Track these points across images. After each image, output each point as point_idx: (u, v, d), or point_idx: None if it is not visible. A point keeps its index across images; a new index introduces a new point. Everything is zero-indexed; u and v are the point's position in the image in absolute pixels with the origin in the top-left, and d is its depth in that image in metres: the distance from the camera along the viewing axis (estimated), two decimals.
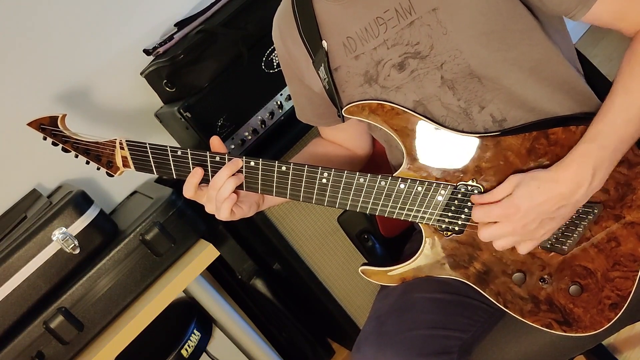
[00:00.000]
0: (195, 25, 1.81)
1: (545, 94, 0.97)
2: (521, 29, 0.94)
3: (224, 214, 1.01)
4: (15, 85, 1.76)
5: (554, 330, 1.01)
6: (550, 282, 1.00)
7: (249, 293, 1.93)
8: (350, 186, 0.99)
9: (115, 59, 1.91)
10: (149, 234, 1.51)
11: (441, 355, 1.02)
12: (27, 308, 1.42)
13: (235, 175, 0.99)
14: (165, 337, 1.72)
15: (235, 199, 1.00)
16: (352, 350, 1.09)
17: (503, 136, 0.95)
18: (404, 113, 0.98)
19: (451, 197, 0.98)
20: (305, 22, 1.07)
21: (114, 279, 1.48)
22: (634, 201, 0.94)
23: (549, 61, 0.97)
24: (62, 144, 1.02)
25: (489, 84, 0.96)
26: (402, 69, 0.99)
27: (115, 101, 1.92)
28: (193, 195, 1.01)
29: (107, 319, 1.49)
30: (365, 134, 1.25)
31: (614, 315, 0.98)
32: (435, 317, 1.06)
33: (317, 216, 1.79)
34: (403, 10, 0.96)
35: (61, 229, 1.42)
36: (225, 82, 1.71)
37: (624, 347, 1.62)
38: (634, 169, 0.93)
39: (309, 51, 1.07)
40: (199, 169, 0.99)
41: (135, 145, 1.00)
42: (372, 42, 1.00)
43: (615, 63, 2.70)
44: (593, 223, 0.96)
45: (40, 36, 1.79)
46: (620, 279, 0.97)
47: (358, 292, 1.86)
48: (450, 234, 1.01)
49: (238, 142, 1.72)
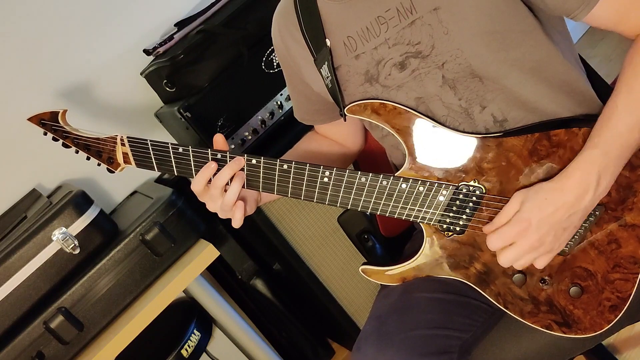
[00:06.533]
0: (195, 25, 1.81)
1: (546, 94, 0.97)
2: (522, 30, 0.94)
3: (237, 223, 1.02)
4: (15, 85, 1.76)
5: (553, 331, 1.01)
6: (550, 283, 1.00)
7: (249, 293, 1.93)
8: (351, 185, 0.99)
9: (115, 59, 1.91)
10: (149, 234, 1.51)
11: (441, 355, 1.02)
12: (27, 308, 1.42)
13: (238, 175, 0.99)
14: (165, 337, 1.72)
15: (243, 206, 1.01)
16: (352, 350, 1.08)
17: (505, 137, 0.95)
18: (406, 112, 0.98)
19: (453, 197, 0.98)
20: (309, 20, 1.07)
21: (114, 279, 1.48)
22: (635, 204, 0.94)
23: (550, 62, 0.97)
24: (62, 139, 1.02)
25: (490, 84, 0.96)
26: (403, 69, 0.99)
27: (115, 101, 1.92)
28: (201, 190, 1.00)
29: (107, 319, 1.49)
30: (360, 131, 1.26)
31: (614, 317, 0.98)
32: (436, 317, 1.06)
33: (317, 216, 1.79)
34: (404, 9, 0.96)
35: (61, 229, 1.41)
36: (225, 82, 1.71)
37: (624, 347, 1.62)
38: (635, 172, 0.93)
39: (311, 50, 1.07)
40: (213, 163, 0.98)
41: (136, 141, 1.00)
42: (373, 41, 1.00)
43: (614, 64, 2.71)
44: (594, 225, 0.96)
45: (40, 36, 1.79)
46: (621, 281, 0.97)
47: (358, 292, 1.86)
48: (451, 234, 1.01)
49: (238, 142, 1.72)
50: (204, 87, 1.70)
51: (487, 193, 0.97)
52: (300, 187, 1.00)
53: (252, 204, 1.08)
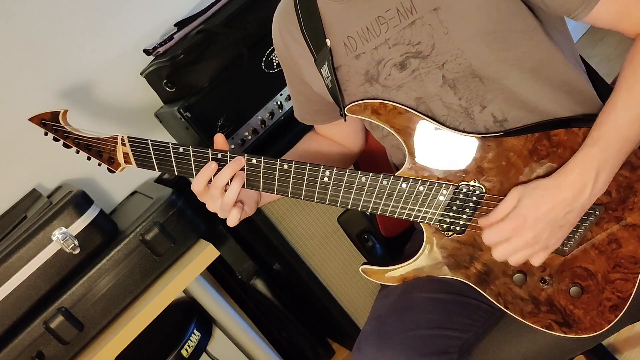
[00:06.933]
0: (195, 25, 1.81)
1: (546, 94, 0.97)
2: (523, 29, 0.94)
3: (233, 221, 1.02)
4: (15, 85, 1.76)
5: (554, 331, 1.01)
6: (550, 283, 1.00)
7: (249, 293, 1.93)
8: (352, 185, 0.99)
9: (115, 59, 1.91)
10: (149, 234, 1.51)
11: (441, 355, 1.02)
12: (27, 308, 1.42)
13: (238, 175, 0.99)
14: (165, 337, 1.72)
15: (242, 206, 1.02)
16: (352, 350, 1.08)
17: (505, 137, 0.95)
18: (406, 112, 0.98)
19: (453, 197, 0.98)
20: (309, 20, 1.07)
21: (114, 279, 1.48)
22: (636, 203, 0.94)
23: (550, 61, 0.97)
24: (63, 139, 1.02)
25: (490, 84, 0.96)
26: (403, 69, 0.99)
27: (115, 101, 1.92)
28: (202, 190, 1.00)
29: (107, 319, 1.49)
30: (360, 131, 1.26)
31: (614, 317, 0.98)
32: (436, 317, 1.06)
33: (317, 216, 1.79)
34: (404, 9, 0.96)
35: (61, 229, 1.41)
36: (225, 82, 1.71)
37: (624, 347, 1.62)
38: (636, 172, 0.93)
39: (311, 50, 1.07)
40: (214, 163, 0.98)
41: (137, 141, 1.00)
42: (373, 41, 1.00)
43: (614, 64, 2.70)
44: (594, 225, 0.96)
45: (40, 36, 1.79)
46: (621, 280, 0.97)
47: (358, 292, 1.86)
48: (451, 234, 1.01)
49: (238, 142, 1.72)
50: (204, 87, 1.70)
51: (487, 193, 0.97)
52: (301, 186, 1.00)
53: (252, 204, 1.09)
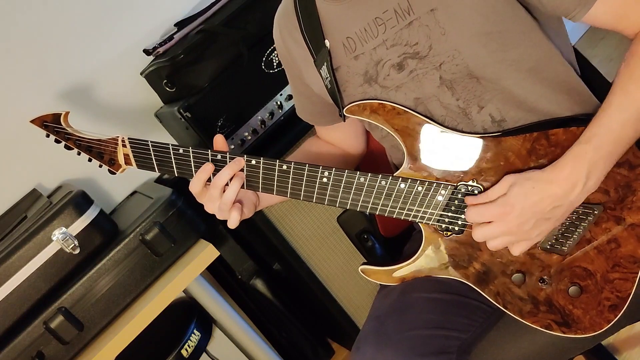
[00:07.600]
0: (195, 25, 1.81)
1: (544, 94, 0.97)
2: (520, 30, 0.95)
3: (233, 223, 1.02)
4: (15, 85, 1.76)
5: (553, 331, 1.01)
6: (549, 282, 1.00)
7: (249, 293, 1.93)
8: (350, 185, 0.99)
9: (115, 59, 1.91)
10: (149, 234, 1.51)
11: (440, 355, 1.02)
12: (27, 308, 1.42)
13: (238, 175, 0.99)
14: (165, 337, 1.72)
15: (240, 208, 1.02)
16: (351, 350, 1.09)
17: (504, 137, 0.95)
18: (405, 113, 0.98)
19: (451, 197, 0.98)
20: (308, 21, 1.07)
21: (114, 279, 1.48)
22: (634, 203, 0.94)
23: (548, 62, 0.97)
24: (64, 141, 1.02)
25: (487, 84, 0.96)
26: (401, 69, 1.00)
27: (115, 101, 1.92)
28: (199, 192, 1.01)
29: (107, 319, 1.49)
30: (361, 134, 1.26)
31: (614, 317, 0.98)
32: (435, 317, 1.07)
33: (317, 216, 1.79)
34: (402, 10, 0.96)
35: (61, 229, 1.41)
36: (225, 82, 1.71)
37: (623, 347, 1.62)
38: (634, 171, 0.93)
39: (311, 51, 1.07)
40: (210, 165, 0.99)
41: (137, 142, 1.00)
42: (371, 42, 1.00)
43: (614, 63, 2.71)
44: (593, 224, 0.96)
45: (41, 37, 1.79)
46: (620, 280, 0.97)
47: (358, 292, 1.86)
48: (450, 234, 1.01)
49: (238, 142, 1.72)
50: (204, 87, 1.70)
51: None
52: (300, 187, 1.01)
53: (251, 207, 1.09)
